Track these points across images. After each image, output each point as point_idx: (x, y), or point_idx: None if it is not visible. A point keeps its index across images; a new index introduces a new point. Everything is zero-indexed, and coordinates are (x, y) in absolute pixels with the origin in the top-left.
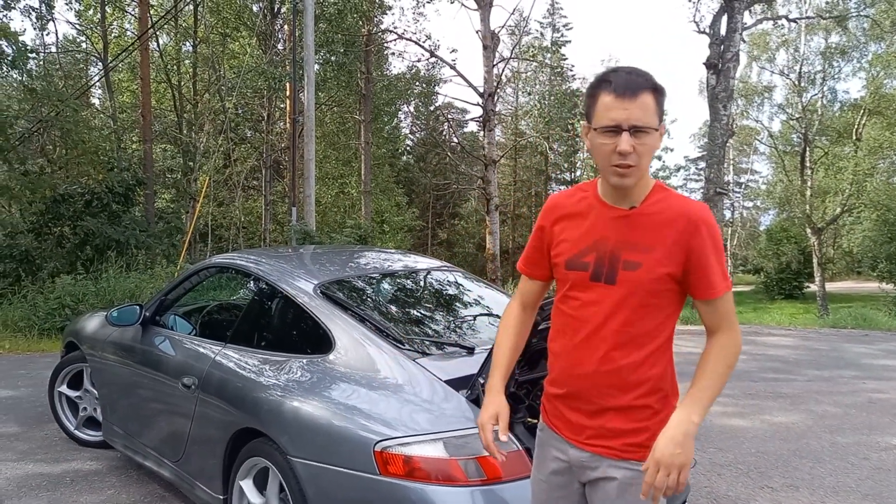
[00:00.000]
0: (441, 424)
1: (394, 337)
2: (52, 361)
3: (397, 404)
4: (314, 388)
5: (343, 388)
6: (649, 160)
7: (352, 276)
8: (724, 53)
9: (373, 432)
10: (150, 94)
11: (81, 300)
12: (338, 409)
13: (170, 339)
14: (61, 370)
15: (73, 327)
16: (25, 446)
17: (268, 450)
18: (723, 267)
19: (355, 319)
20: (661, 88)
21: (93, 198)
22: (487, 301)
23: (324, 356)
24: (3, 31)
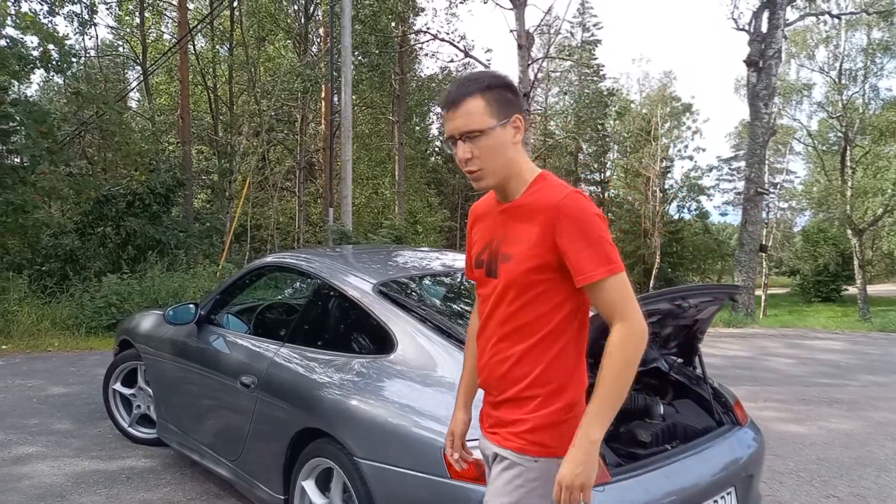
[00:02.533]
0: None
1: (456, 337)
2: (101, 359)
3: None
4: (379, 390)
5: (408, 389)
6: (498, 159)
7: (408, 276)
8: (766, 50)
9: (442, 435)
10: (188, 97)
11: (127, 299)
12: (405, 411)
13: (225, 337)
14: (115, 368)
15: (126, 326)
16: (80, 443)
17: (332, 451)
18: (599, 251)
19: (416, 319)
20: (495, 85)
21: (135, 198)
22: None
23: (386, 356)
24: (52, 36)
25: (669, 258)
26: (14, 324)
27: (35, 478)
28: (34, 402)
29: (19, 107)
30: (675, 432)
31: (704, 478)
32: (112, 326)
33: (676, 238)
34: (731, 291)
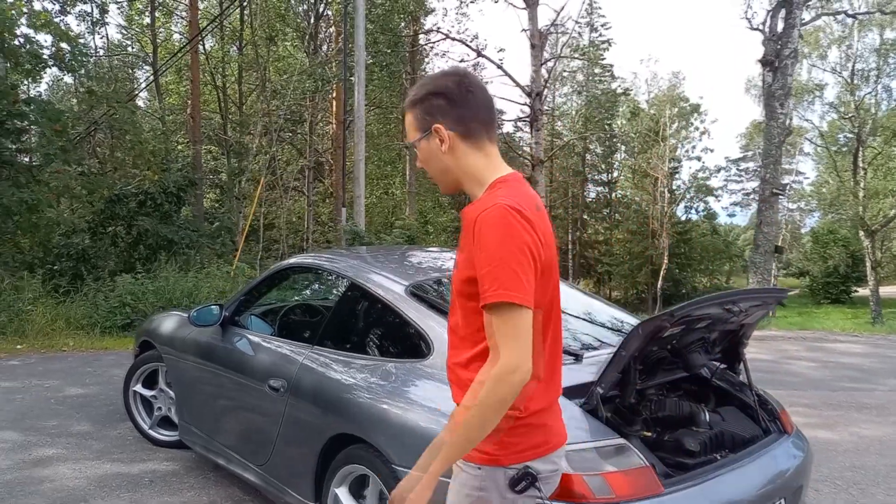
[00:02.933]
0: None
1: None
2: (117, 360)
3: None
4: (417, 395)
5: (448, 395)
6: (433, 169)
7: (440, 278)
8: (782, 50)
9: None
10: (199, 96)
11: (141, 299)
12: (445, 419)
13: (251, 339)
14: (136, 369)
15: (147, 327)
16: (100, 445)
17: (368, 457)
18: (497, 274)
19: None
20: (420, 97)
21: (146, 198)
22: (580, 304)
23: (421, 360)
24: (66, 35)
25: (677, 259)
26: (28, 323)
27: (57, 481)
28: (52, 402)
29: (33, 105)
30: (723, 441)
31: (755, 489)
32: (127, 326)
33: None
34: (780, 295)
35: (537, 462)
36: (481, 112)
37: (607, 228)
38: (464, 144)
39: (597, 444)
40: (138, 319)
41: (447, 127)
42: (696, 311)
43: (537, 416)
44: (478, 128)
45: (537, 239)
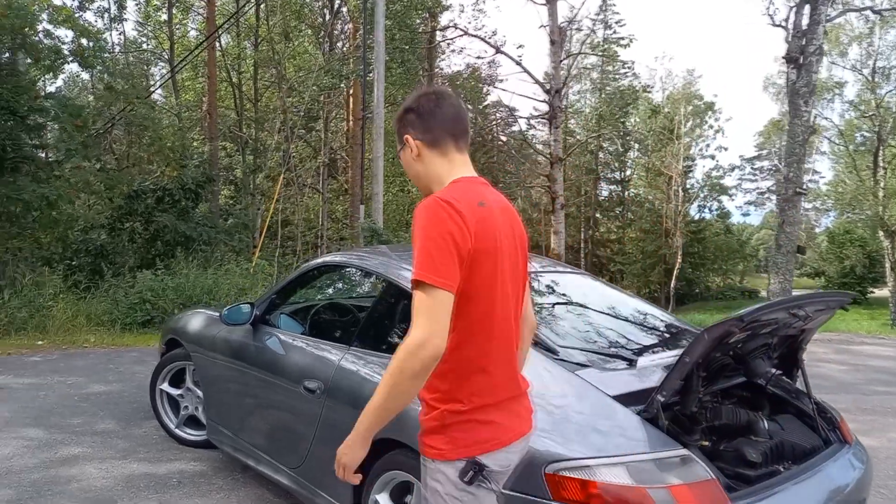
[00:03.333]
0: (621, 446)
1: (544, 345)
2: (139, 357)
3: (564, 421)
4: None
5: None
6: (411, 175)
7: None
8: (806, 47)
9: (543, 452)
10: (216, 93)
11: (161, 295)
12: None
13: (283, 339)
14: (163, 368)
15: (173, 325)
16: (126, 444)
17: (411, 464)
18: (417, 255)
19: None
20: (397, 117)
21: (164, 194)
22: (629, 307)
23: None
24: (87, 31)
25: (690, 258)
26: (49, 319)
27: (84, 480)
28: (76, 400)
29: (54, 100)
30: (784, 452)
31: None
32: (147, 323)
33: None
34: (844, 300)
35: (484, 457)
36: (447, 123)
37: (620, 227)
38: (430, 152)
39: (659, 455)
40: (158, 316)
41: (415, 137)
42: (765, 316)
43: (483, 411)
44: (444, 137)
45: (465, 231)
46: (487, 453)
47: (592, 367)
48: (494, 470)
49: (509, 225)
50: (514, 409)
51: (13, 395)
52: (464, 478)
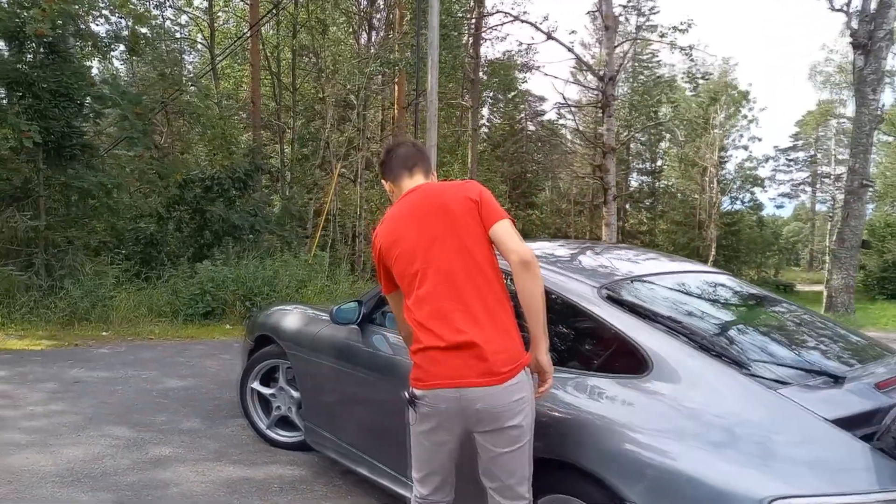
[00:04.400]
0: (855, 481)
1: (730, 357)
2: (206, 349)
3: (775, 449)
4: (649, 420)
5: (688, 421)
6: None
7: (632, 277)
8: (875, 32)
9: (759, 485)
10: (259, 81)
11: (221, 287)
12: (694, 449)
13: (392, 339)
14: (255, 366)
15: (265, 321)
16: (215, 445)
17: (582, 488)
18: None
19: (667, 332)
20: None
21: (213, 183)
22: (795, 313)
23: (638, 378)
24: (142, 17)
25: (724, 251)
26: (112, 310)
27: (182, 485)
28: (154, 395)
29: (111, 87)
30: None
31: None
32: (208, 314)
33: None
34: None
35: (416, 391)
36: (399, 162)
37: (650, 218)
38: (395, 186)
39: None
40: (219, 308)
41: (385, 179)
42: None
43: (415, 356)
44: (398, 172)
45: (378, 248)
46: (419, 389)
47: (794, 385)
48: (421, 403)
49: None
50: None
51: (89, 389)
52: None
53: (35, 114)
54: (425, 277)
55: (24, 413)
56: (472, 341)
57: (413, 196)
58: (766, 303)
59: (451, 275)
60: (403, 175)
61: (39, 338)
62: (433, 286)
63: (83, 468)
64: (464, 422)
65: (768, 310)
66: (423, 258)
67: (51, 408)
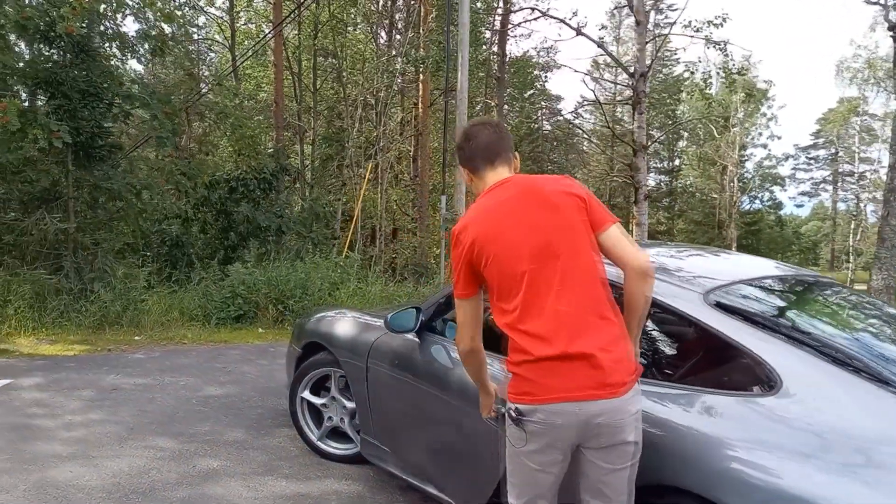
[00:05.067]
0: None
1: (872, 373)
2: (242, 355)
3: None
4: (781, 444)
5: (827, 446)
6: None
7: (738, 280)
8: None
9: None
10: (282, 81)
11: (253, 289)
12: (839, 478)
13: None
14: (305, 374)
15: (314, 327)
16: (264, 457)
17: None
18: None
19: (793, 343)
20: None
21: (238, 184)
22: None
23: (764, 395)
24: (170, 16)
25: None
26: (143, 313)
27: (234, 501)
28: (194, 403)
29: (140, 87)
30: None
31: None
32: (240, 318)
33: (752, 230)
34: None
35: (523, 406)
36: (478, 151)
37: (669, 218)
38: (474, 176)
39: None
40: (251, 311)
41: (463, 167)
42: None
43: (519, 367)
44: (477, 162)
45: (468, 245)
46: (526, 405)
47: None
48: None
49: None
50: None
51: (127, 397)
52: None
53: (65, 114)
54: (534, 280)
55: (63, 423)
56: (591, 350)
57: (509, 189)
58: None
59: (564, 277)
60: (485, 167)
61: (72, 343)
62: (543, 289)
63: (130, 483)
64: (579, 438)
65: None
66: (531, 258)
67: (90, 417)
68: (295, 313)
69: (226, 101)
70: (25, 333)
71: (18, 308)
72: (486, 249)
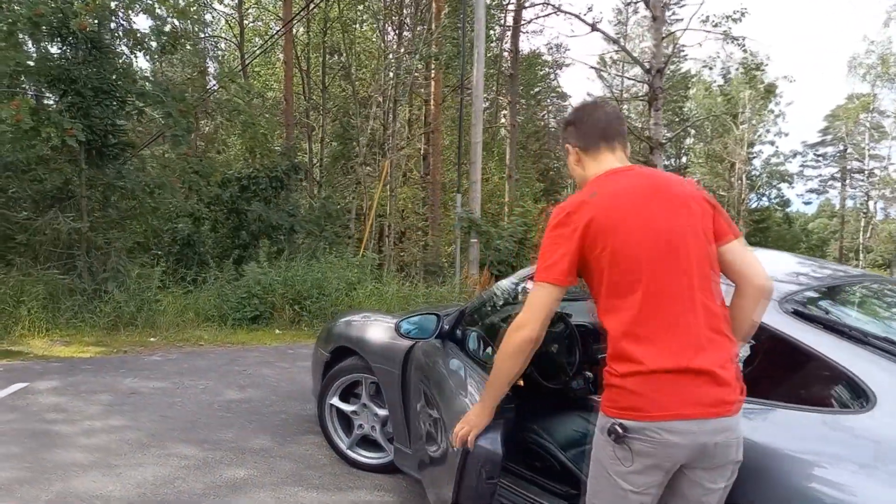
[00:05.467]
0: None
1: None
2: (260, 357)
3: None
4: (876, 466)
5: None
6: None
7: (812, 287)
8: None
9: None
10: (292, 78)
11: (269, 290)
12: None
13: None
14: (335, 380)
15: (344, 332)
16: (292, 466)
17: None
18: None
19: (882, 355)
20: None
21: (249, 182)
22: None
23: (854, 413)
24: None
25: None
26: (158, 314)
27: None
28: (215, 408)
29: (153, 84)
30: None
31: None
32: (256, 319)
33: (760, 228)
34: None
35: (630, 423)
36: (596, 130)
37: None
38: (585, 156)
39: None
40: (267, 311)
41: (573, 145)
42: None
43: (626, 379)
44: (594, 141)
45: (585, 225)
46: (633, 420)
47: None
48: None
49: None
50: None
51: (147, 401)
52: (609, 434)
53: (78, 111)
54: (655, 283)
55: (83, 429)
56: (713, 367)
57: (633, 179)
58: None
59: (689, 286)
60: (602, 146)
61: (86, 344)
62: (666, 296)
63: (155, 493)
64: (689, 457)
65: None
66: (654, 259)
67: (109, 423)
68: (312, 314)
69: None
70: (39, 335)
71: (31, 309)
72: (603, 237)
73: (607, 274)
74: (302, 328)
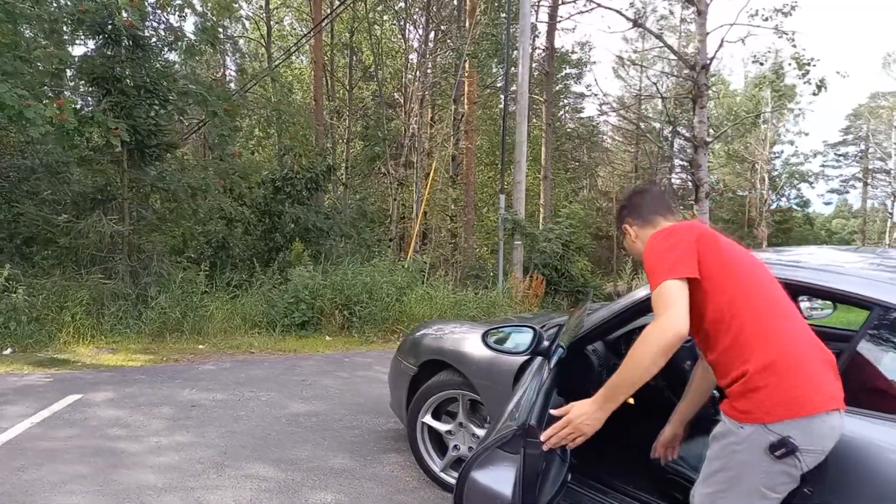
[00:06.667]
0: None
1: None
2: (317, 365)
3: None
4: None
5: None
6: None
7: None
8: None
9: None
10: (322, 79)
11: (317, 295)
12: None
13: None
14: (428, 397)
15: (437, 344)
16: (380, 489)
17: None
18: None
19: None
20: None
21: (284, 183)
22: None
23: None
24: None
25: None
26: (205, 320)
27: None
28: (283, 423)
29: (197, 84)
30: None
31: None
32: (304, 325)
33: (782, 228)
34: None
35: (786, 425)
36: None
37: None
38: (642, 231)
39: None
40: (315, 317)
41: (631, 224)
42: None
43: (772, 374)
44: (653, 217)
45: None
46: (785, 421)
47: None
48: (805, 448)
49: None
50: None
51: (210, 415)
52: (774, 451)
53: (122, 111)
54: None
55: (150, 446)
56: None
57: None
58: None
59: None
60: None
61: (133, 352)
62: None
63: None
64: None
65: None
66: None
67: (176, 439)
68: (362, 319)
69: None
70: (84, 342)
71: (76, 315)
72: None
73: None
74: (352, 335)
